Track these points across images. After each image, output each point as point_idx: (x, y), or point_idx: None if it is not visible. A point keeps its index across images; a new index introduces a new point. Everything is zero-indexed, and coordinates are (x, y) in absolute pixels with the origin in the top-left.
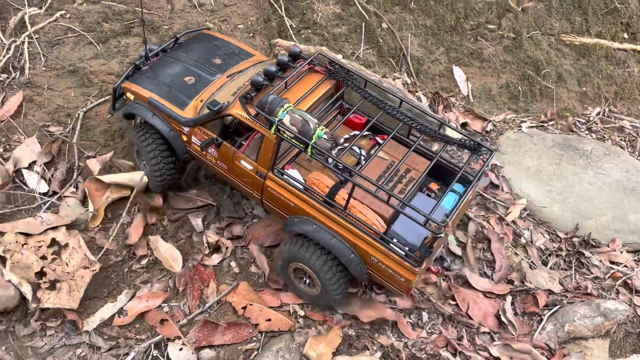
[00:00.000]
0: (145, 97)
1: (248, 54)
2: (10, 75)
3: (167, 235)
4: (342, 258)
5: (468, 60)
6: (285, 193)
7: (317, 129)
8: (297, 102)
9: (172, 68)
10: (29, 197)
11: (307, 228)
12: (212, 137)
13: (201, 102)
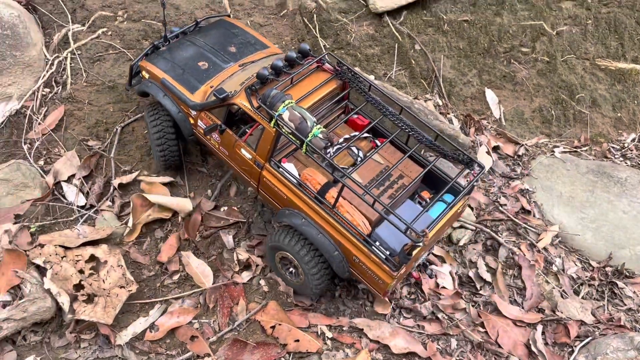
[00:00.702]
0: (159, 78)
1: (264, 45)
2: (53, 89)
3: (199, 252)
4: (326, 254)
5: (501, 83)
6: (279, 185)
7: (314, 128)
8: (301, 98)
9: (188, 52)
10: (67, 209)
11: (296, 221)
12: (216, 124)
13: (210, 88)
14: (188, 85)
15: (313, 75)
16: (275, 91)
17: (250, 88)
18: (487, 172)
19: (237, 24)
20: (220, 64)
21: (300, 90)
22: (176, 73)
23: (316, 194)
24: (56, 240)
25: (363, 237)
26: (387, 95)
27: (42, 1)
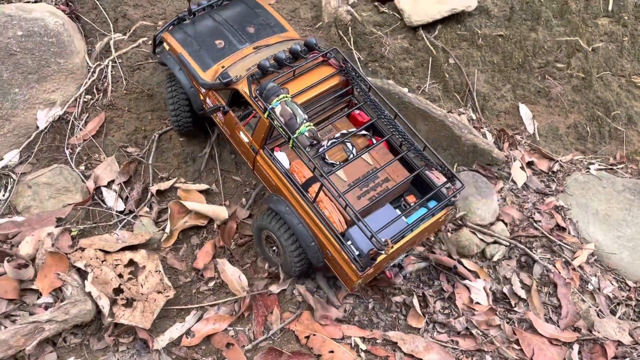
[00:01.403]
0: (177, 52)
1: (282, 28)
2: (94, 96)
3: (234, 259)
4: (304, 243)
5: (535, 98)
6: (270, 172)
7: (302, 125)
8: (300, 92)
9: (207, 28)
10: (107, 214)
11: (281, 208)
12: (220, 105)
13: (222, 68)
14: (202, 62)
15: (317, 68)
16: (271, 84)
17: (252, 76)
18: (521, 188)
19: (262, 4)
20: (235, 44)
21: (302, 83)
22: (193, 49)
23: (300, 187)
24: (96, 244)
25: (337, 234)
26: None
27: (85, 10)
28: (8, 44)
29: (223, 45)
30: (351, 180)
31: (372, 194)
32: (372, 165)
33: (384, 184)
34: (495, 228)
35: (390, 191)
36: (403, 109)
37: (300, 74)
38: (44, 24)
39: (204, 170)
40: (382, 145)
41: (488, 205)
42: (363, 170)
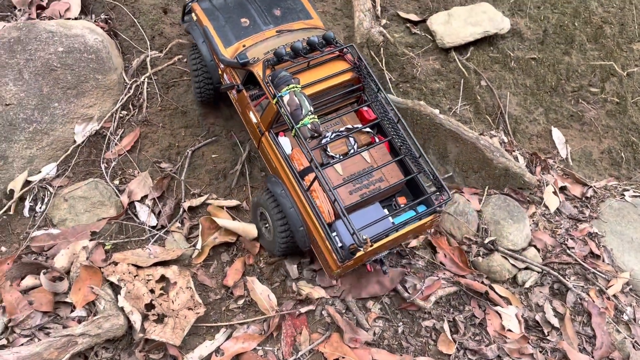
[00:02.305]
0: (203, 24)
1: (308, 15)
2: (130, 112)
3: (263, 277)
4: (293, 226)
5: (568, 122)
6: (272, 154)
7: (306, 117)
8: (311, 83)
9: (236, 4)
10: (139, 229)
11: (276, 190)
12: (234, 83)
13: (243, 47)
14: (225, 38)
15: (332, 62)
16: (284, 73)
17: (267, 61)
18: (553, 213)
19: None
20: (259, 25)
21: (315, 75)
22: (218, 23)
23: (297, 174)
24: (129, 258)
25: (324, 224)
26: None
27: (123, 28)
28: (49, 59)
29: (248, 24)
30: (347, 175)
31: (364, 191)
32: (369, 164)
33: (377, 183)
34: (527, 254)
35: (382, 191)
36: (434, 131)
37: (314, 65)
38: (83, 40)
39: (234, 187)
40: (383, 146)
41: (520, 230)
42: (360, 166)
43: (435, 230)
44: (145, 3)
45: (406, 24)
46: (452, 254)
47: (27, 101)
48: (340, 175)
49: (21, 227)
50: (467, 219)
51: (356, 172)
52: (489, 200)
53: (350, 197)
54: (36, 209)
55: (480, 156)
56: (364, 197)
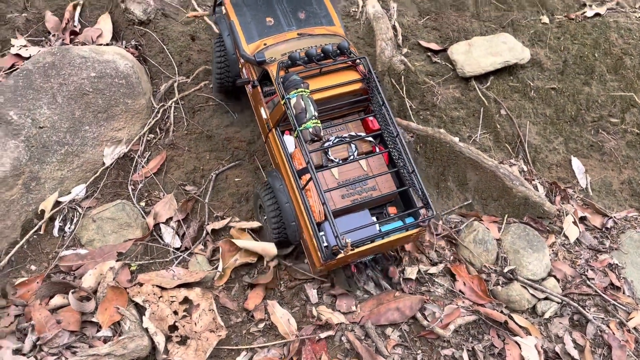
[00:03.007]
0: (230, 18)
1: (331, 21)
2: (157, 135)
3: (284, 301)
4: (286, 220)
5: (587, 152)
6: (276, 150)
7: (309, 121)
8: (322, 88)
9: (263, 3)
10: (163, 250)
11: (275, 184)
12: (250, 79)
13: (264, 45)
14: (248, 34)
15: (343, 71)
16: (294, 77)
17: (282, 63)
18: (573, 243)
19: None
20: (283, 26)
21: (325, 82)
22: (244, 19)
23: (295, 172)
24: (153, 280)
25: (314, 223)
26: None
27: (152, 54)
28: (82, 84)
29: (272, 23)
30: (342, 180)
31: (356, 197)
32: (365, 172)
33: (369, 191)
34: (546, 284)
35: (373, 199)
36: (454, 158)
37: (326, 72)
38: (115, 66)
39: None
40: (382, 156)
41: (540, 260)
42: (356, 173)
43: (454, 257)
44: (174, 30)
45: (427, 53)
46: (472, 283)
47: (59, 124)
48: (336, 179)
49: (50, 246)
50: (486, 247)
51: (351, 178)
52: (508, 228)
53: (342, 201)
54: (65, 229)
55: (500, 184)
56: (355, 202)
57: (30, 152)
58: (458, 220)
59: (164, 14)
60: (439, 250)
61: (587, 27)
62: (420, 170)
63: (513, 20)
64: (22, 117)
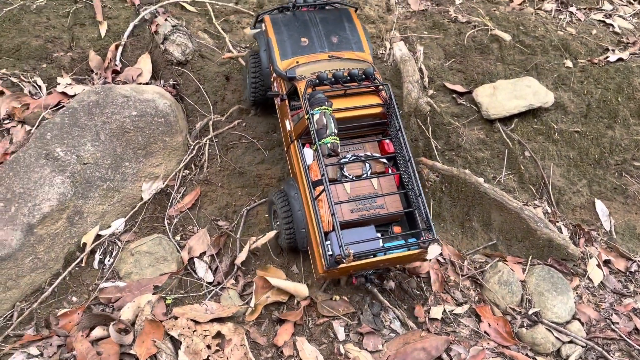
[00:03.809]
0: (268, 35)
1: (361, 47)
2: (192, 171)
3: (312, 338)
4: (296, 227)
5: (611, 195)
6: (295, 160)
7: (328, 137)
8: (344, 108)
9: (300, 24)
10: (197, 284)
11: (291, 192)
12: (280, 93)
13: (296, 63)
14: (283, 51)
15: (367, 95)
16: (320, 95)
17: (310, 81)
18: (597, 287)
19: (355, 20)
20: (315, 47)
21: (348, 102)
22: (281, 37)
23: (310, 183)
24: (188, 313)
25: (321, 232)
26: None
27: (189, 92)
28: (124, 122)
29: (306, 44)
30: (353, 195)
31: (364, 213)
32: (375, 190)
33: (377, 209)
34: (571, 327)
35: (379, 217)
36: (478, 199)
37: (350, 94)
38: (154, 105)
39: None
40: (393, 178)
41: (564, 303)
42: (366, 190)
43: (479, 298)
44: (209, 71)
45: (452, 95)
46: (497, 324)
47: (102, 161)
48: (347, 194)
49: (91, 278)
50: (510, 289)
51: (362, 194)
52: (532, 270)
53: (350, 215)
54: (105, 262)
55: (524, 226)
56: (362, 217)
57: (75, 187)
58: (483, 260)
59: (200, 55)
60: (464, 290)
61: (610, 72)
62: (445, 210)
63: (537, 64)
64: (68, 153)
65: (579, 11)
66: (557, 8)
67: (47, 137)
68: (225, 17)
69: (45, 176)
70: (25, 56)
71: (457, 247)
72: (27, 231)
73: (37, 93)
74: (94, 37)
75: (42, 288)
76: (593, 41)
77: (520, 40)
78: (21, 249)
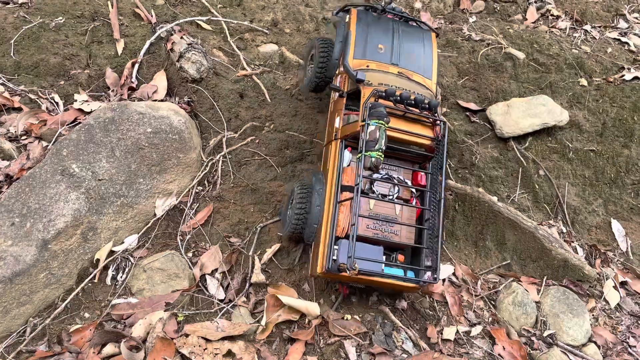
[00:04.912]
0: (349, 28)
1: (430, 74)
2: (205, 188)
3: (323, 358)
4: (310, 220)
5: (628, 215)
6: (332, 158)
7: (376, 152)
8: (397, 129)
9: (383, 29)
10: (208, 301)
11: (316, 186)
12: (342, 89)
13: (366, 66)
14: (358, 50)
15: (422, 124)
16: (382, 109)
17: (377, 91)
18: (614, 309)
19: (433, 46)
20: (389, 57)
21: (403, 125)
22: (361, 35)
23: (339, 185)
24: (199, 331)
25: (333, 235)
26: (443, 185)
27: (203, 109)
28: (139, 139)
29: (382, 51)
30: (374, 212)
31: (378, 232)
32: (396, 216)
33: (391, 233)
34: (587, 350)
35: (390, 242)
36: (492, 217)
37: (408, 118)
38: (169, 122)
39: (297, 264)
40: (415, 210)
41: (580, 325)
42: (388, 212)
43: (492, 319)
44: (224, 88)
45: (466, 113)
46: (511, 348)
47: (117, 177)
48: (369, 209)
49: (103, 294)
50: (525, 310)
51: (382, 214)
52: (547, 291)
53: (365, 230)
54: (117, 278)
55: (539, 246)
56: (376, 236)
57: (90, 203)
58: (496, 280)
59: (215, 72)
60: (477, 311)
61: (626, 90)
62: (459, 229)
63: (551, 82)
64: (84, 170)
65: (594, 29)
66: (571, 26)
67: (63, 153)
68: (240, 35)
69: (61, 192)
70: (44, 73)
71: (471, 266)
72: (42, 247)
73: (54, 109)
74: (110, 54)
75: (55, 304)
76: (608, 59)
77: (534, 59)
78: (35, 265)
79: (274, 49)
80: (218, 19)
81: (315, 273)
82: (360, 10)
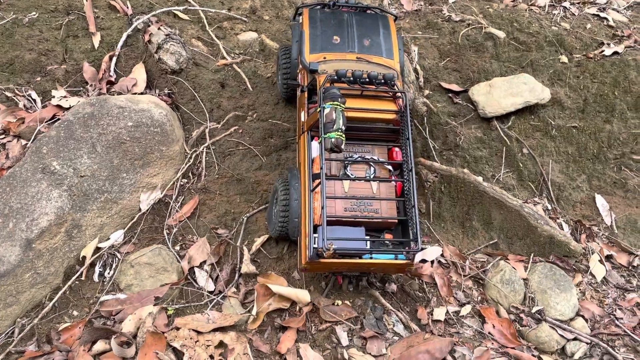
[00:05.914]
0: (303, 28)
1: (390, 55)
2: (190, 180)
3: (315, 344)
4: (290, 215)
5: (611, 189)
6: (302, 151)
7: (334, 132)
8: (356, 109)
9: (336, 22)
10: (198, 294)
11: (292, 181)
12: (301, 84)
13: (323, 59)
14: (313, 45)
15: (383, 100)
16: (335, 91)
17: (330, 76)
18: (600, 282)
19: (391, 28)
20: (345, 46)
21: (362, 104)
22: (314, 32)
23: (311, 175)
24: (189, 324)
25: (311, 223)
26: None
27: (184, 101)
28: (120, 133)
29: (338, 42)
30: (350, 194)
31: (357, 213)
32: (373, 194)
33: (370, 212)
34: (575, 324)
35: (372, 220)
36: (478, 198)
37: (366, 96)
38: (150, 115)
39: (285, 253)
40: (394, 186)
41: (567, 300)
42: (365, 192)
43: (481, 297)
44: (204, 78)
45: (448, 94)
46: (501, 325)
47: (99, 173)
48: (344, 192)
49: (91, 291)
50: (513, 288)
51: (359, 195)
52: (534, 268)
53: (343, 213)
54: (105, 275)
55: (525, 223)
56: (355, 217)
57: (72, 200)
58: (484, 259)
59: (195, 62)
60: (467, 291)
61: (606, 66)
62: (445, 210)
63: (532, 60)
64: (65, 167)
65: (573, 5)
66: (550, 3)
67: (43, 151)
68: (219, 23)
69: (43, 190)
70: (19, 70)
71: (458, 247)
72: (26, 246)
73: (32, 107)
74: (87, 48)
75: (43, 303)
76: (588, 35)
77: (514, 37)
78: (20, 265)
79: (253, 36)
80: (195, 8)
81: (302, 266)
82: (312, 9)
